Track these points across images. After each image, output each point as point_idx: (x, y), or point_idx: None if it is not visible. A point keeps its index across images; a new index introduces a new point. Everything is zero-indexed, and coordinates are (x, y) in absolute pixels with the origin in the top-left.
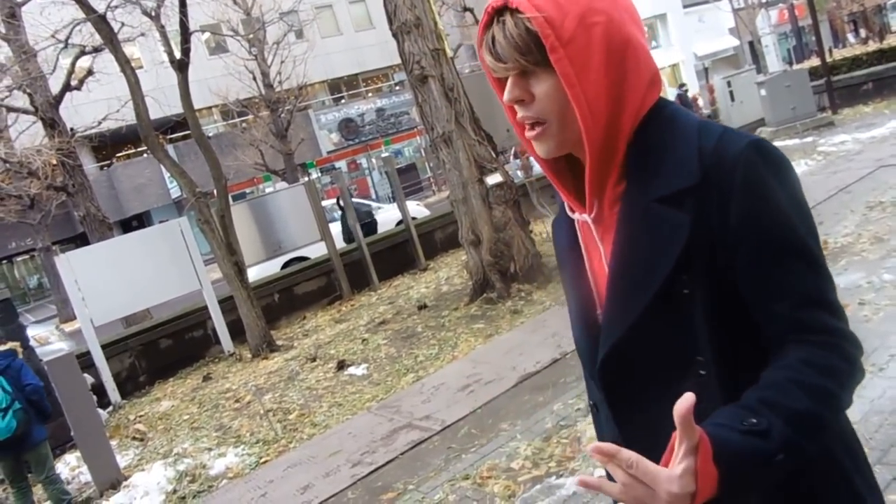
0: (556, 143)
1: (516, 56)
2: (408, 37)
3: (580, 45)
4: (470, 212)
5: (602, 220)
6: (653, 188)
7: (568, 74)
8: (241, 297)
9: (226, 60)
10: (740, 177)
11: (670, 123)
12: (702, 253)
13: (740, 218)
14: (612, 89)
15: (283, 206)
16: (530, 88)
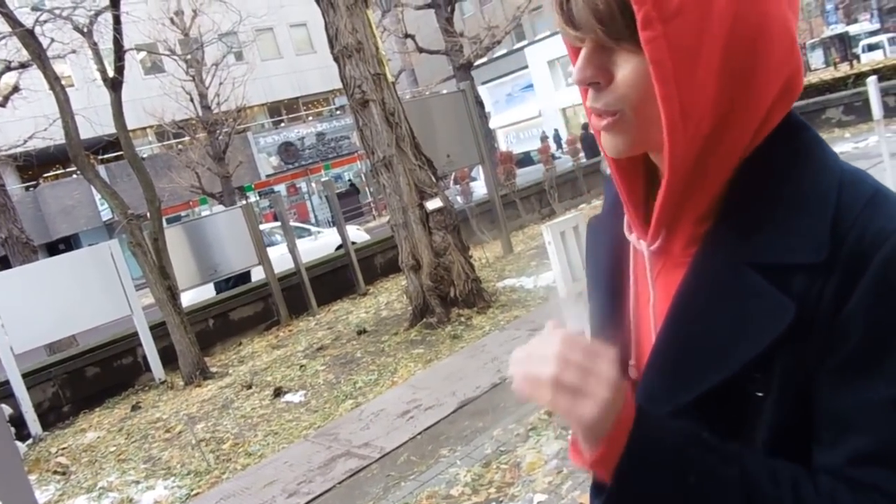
0: (632, 142)
1: (594, 23)
2: (349, 61)
3: (688, 24)
4: (410, 236)
5: (665, 258)
6: (755, 247)
7: (662, 63)
8: (174, 323)
9: (162, 80)
10: (882, 260)
11: (804, 159)
12: (794, 350)
13: (858, 311)
14: (725, 92)
15: (220, 230)
16: (609, 67)
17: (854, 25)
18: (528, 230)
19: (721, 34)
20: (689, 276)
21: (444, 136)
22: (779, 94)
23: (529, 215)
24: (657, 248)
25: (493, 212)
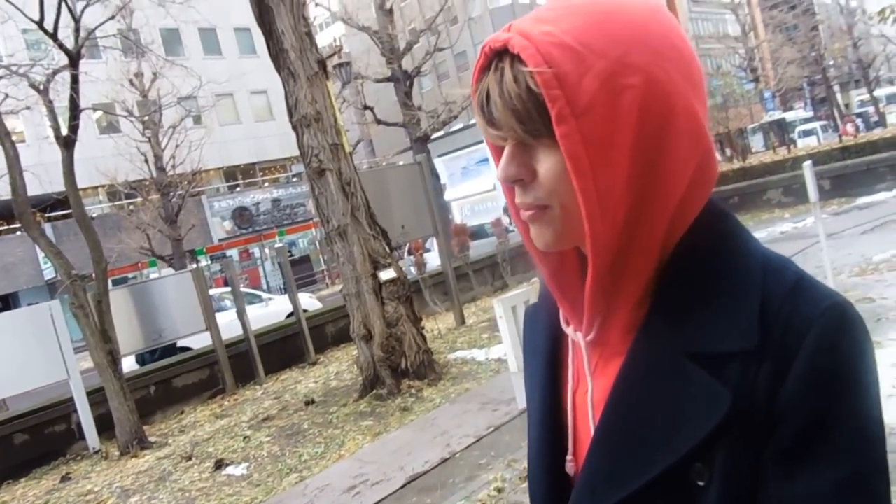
0: (560, 234)
1: (513, 123)
2: (307, 130)
3: (600, 118)
4: (362, 306)
5: (603, 347)
6: (688, 336)
7: (578, 157)
8: (113, 389)
9: (117, 140)
10: (811, 346)
11: (725, 245)
12: (733, 437)
13: (793, 398)
14: (637, 182)
15: (168, 294)
16: (532, 164)
17: (790, 112)
18: (480, 302)
19: (630, 126)
20: (627, 367)
21: (399, 207)
22: (692, 181)
23: (482, 287)
24: (593, 338)
25: (447, 283)
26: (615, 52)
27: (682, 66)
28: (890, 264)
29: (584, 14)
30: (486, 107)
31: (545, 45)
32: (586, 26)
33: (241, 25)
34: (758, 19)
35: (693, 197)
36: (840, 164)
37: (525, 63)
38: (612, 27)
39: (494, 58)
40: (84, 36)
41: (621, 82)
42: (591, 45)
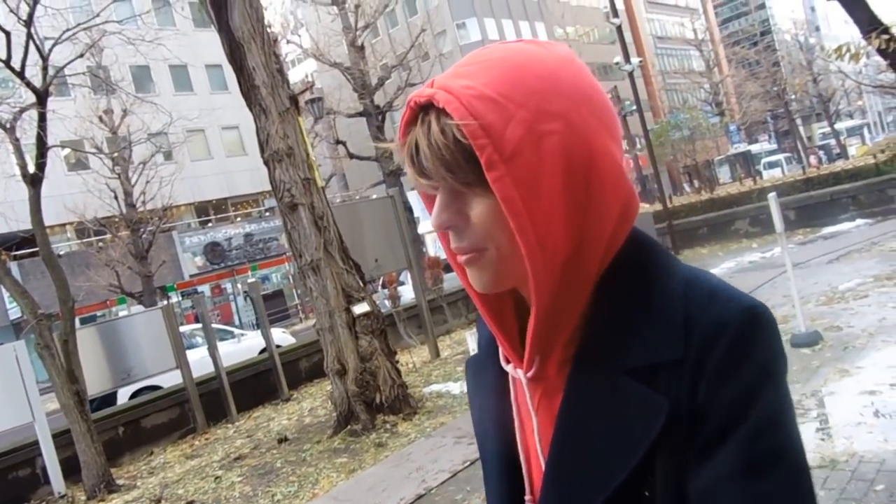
0: (497, 276)
1: (443, 172)
2: (279, 165)
3: (527, 162)
4: (336, 341)
5: (542, 383)
6: (623, 355)
7: (511, 199)
8: (80, 431)
9: (85, 177)
10: (725, 346)
11: (649, 270)
12: (670, 446)
13: (708, 394)
14: (571, 220)
15: (137, 332)
16: (464, 210)
17: (755, 145)
18: (455, 335)
19: (557, 169)
20: (568, 397)
21: (372, 241)
22: (617, 217)
23: (456, 320)
24: (533, 374)
25: (421, 316)
26: (533, 101)
27: (595, 110)
28: (855, 293)
29: (499, 68)
30: (416, 158)
31: (468, 98)
32: (503, 79)
33: (213, 62)
34: (721, 55)
35: (619, 232)
36: (804, 196)
37: (450, 116)
38: (527, 78)
39: (420, 112)
40: (52, 74)
41: (543, 128)
42: (509, 95)
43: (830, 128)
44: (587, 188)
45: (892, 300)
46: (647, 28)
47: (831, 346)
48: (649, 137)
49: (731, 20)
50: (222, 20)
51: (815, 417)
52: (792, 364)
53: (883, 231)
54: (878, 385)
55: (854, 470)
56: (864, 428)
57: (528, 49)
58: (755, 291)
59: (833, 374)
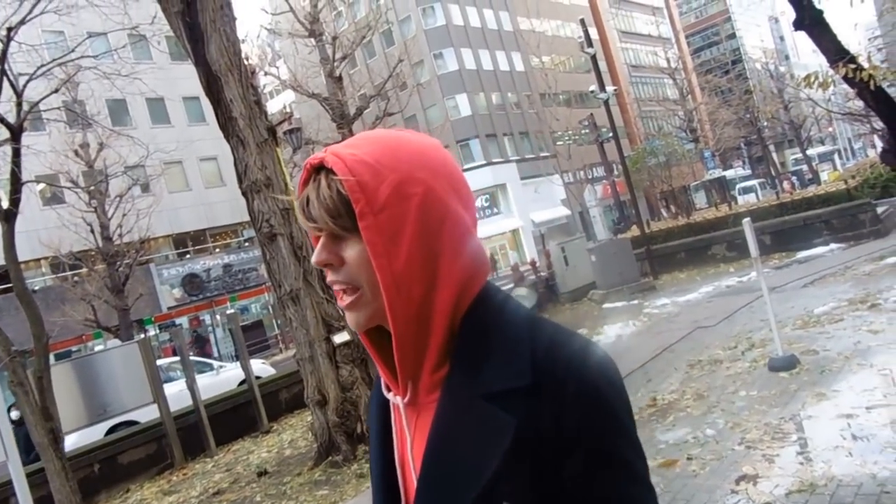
0: (369, 315)
1: (326, 218)
2: (258, 196)
3: (392, 215)
4: (316, 370)
5: (416, 406)
6: (479, 383)
7: (375, 243)
8: (54, 469)
9: (60, 212)
10: (575, 388)
11: (500, 313)
12: (527, 461)
13: (573, 430)
14: (426, 265)
15: (113, 366)
16: (340, 252)
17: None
18: None
19: (414, 222)
20: (435, 418)
21: None
22: (469, 266)
23: None
24: (408, 399)
25: None
26: (403, 168)
27: (452, 182)
28: (830, 317)
29: (380, 142)
30: (307, 208)
31: (351, 161)
32: (381, 150)
33: (190, 94)
34: (694, 83)
35: (472, 279)
36: (778, 220)
37: (336, 174)
38: (400, 151)
39: (314, 172)
40: (27, 109)
41: (408, 190)
42: (384, 163)
43: (802, 154)
44: (439, 239)
45: (866, 324)
46: (622, 57)
47: (808, 369)
48: (626, 164)
49: (702, 49)
50: (199, 53)
51: (794, 441)
52: (770, 388)
53: (856, 255)
54: (854, 408)
55: (833, 494)
56: (842, 451)
57: (404, 134)
58: (733, 315)
59: (810, 397)
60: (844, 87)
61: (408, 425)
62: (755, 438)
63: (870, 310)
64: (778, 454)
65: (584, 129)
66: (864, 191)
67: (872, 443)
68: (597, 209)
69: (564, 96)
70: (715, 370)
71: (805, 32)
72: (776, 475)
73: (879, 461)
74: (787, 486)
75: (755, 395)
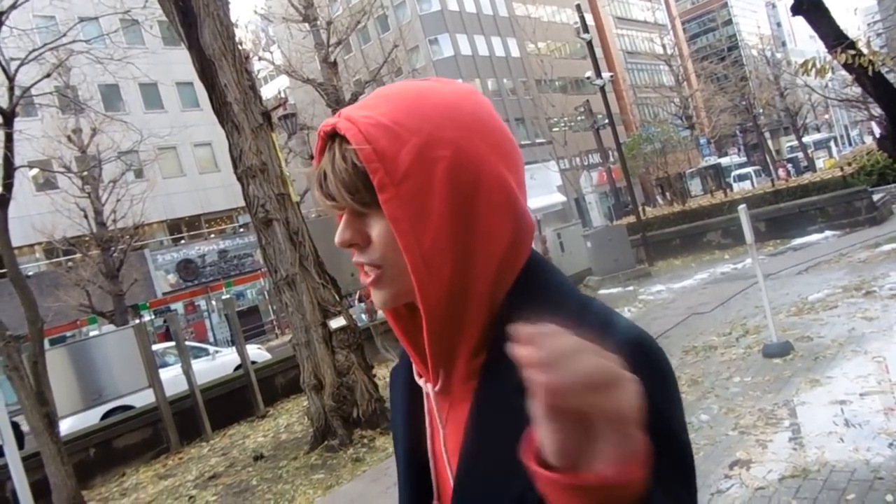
0: (395, 293)
1: (344, 194)
2: (253, 181)
3: (417, 185)
4: (312, 356)
5: (449, 395)
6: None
7: (399, 219)
8: (50, 453)
9: (54, 197)
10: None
11: (545, 294)
12: None
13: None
14: (457, 240)
15: (108, 351)
16: (366, 229)
17: (725, 158)
18: None
19: (444, 191)
20: (472, 411)
21: (348, 255)
22: (512, 238)
23: None
24: (440, 388)
25: None
26: (427, 128)
27: (490, 138)
28: (825, 304)
29: (399, 99)
30: (324, 182)
31: (365, 126)
32: (400, 108)
33: (184, 80)
34: (690, 70)
35: (515, 253)
36: (774, 208)
37: (350, 143)
38: (424, 107)
39: (328, 140)
40: (19, 94)
41: (433, 154)
42: (404, 123)
43: (798, 141)
44: (474, 209)
45: (860, 311)
46: (617, 43)
47: (802, 356)
48: (622, 150)
49: (699, 36)
50: (192, 38)
51: (788, 427)
52: (764, 374)
53: (850, 242)
54: (848, 395)
55: (826, 479)
56: (835, 437)
57: (429, 84)
58: (728, 302)
59: (804, 384)
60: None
61: (440, 416)
62: (749, 424)
63: (864, 297)
64: (771, 440)
65: (580, 116)
66: (860, 178)
67: (866, 429)
68: (593, 196)
69: (560, 82)
70: (709, 356)
71: (803, 17)
72: (770, 460)
73: (873, 447)
74: (781, 471)
75: (749, 381)
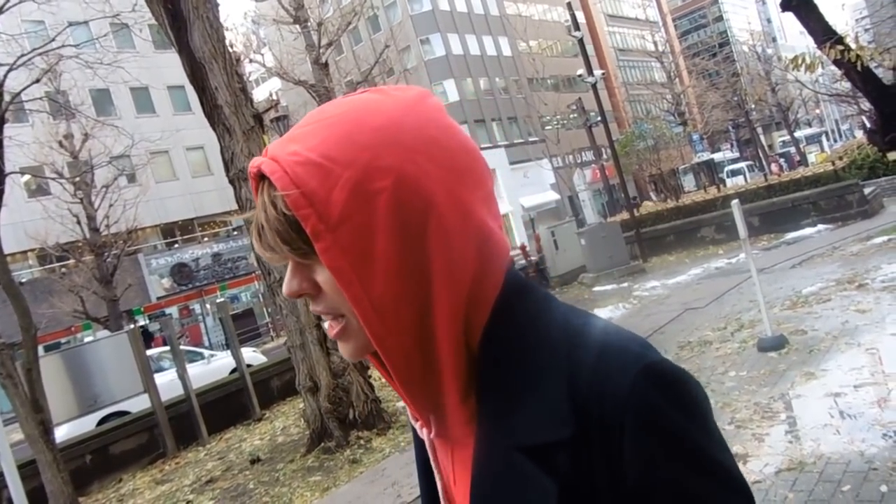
0: (362, 344)
1: (281, 246)
2: (245, 183)
3: (356, 227)
4: (308, 357)
5: (448, 440)
6: (512, 428)
7: (340, 269)
8: (46, 461)
9: (46, 203)
10: (633, 422)
11: (527, 327)
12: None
13: (638, 478)
14: (412, 281)
15: (103, 357)
16: (313, 277)
17: (718, 154)
18: None
19: (389, 229)
20: (474, 462)
21: None
22: (478, 265)
23: None
24: (435, 433)
25: None
26: (362, 159)
27: (439, 156)
28: (818, 297)
29: (333, 126)
30: (262, 234)
31: (291, 166)
32: (332, 139)
33: (175, 83)
34: (682, 66)
35: (484, 281)
36: (767, 202)
37: (276, 187)
38: (360, 134)
39: (260, 182)
40: (8, 100)
41: (372, 187)
42: (335, 157)
43: (790, 136)
44: (426, 243)
45: (853, 303)
46: (609, 41)
47: (797, 349)
48: (615, 147)
49: (690, 32)
50: (182, 41)
51: (783, 420)
52: (759, 367)
53: (843, 236)
54: (842, 387)
55: (821, 472)
56: (831, 430)
57: (371, 100)
58: (722, 297)
59: (799, 377)
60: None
61: (435, 464)
62: (745, 418)
63: (857, 289)
64: (767, 433)
65: (573, 114)
66: (851, 172)
67: (860, 420)
68: (586, 193)
69: (552, 81)
70: (705, 351)
71: (792, 13)
72: (766, 454)
73: (867, 438)
74: (777, 464)
75: (745, 375)
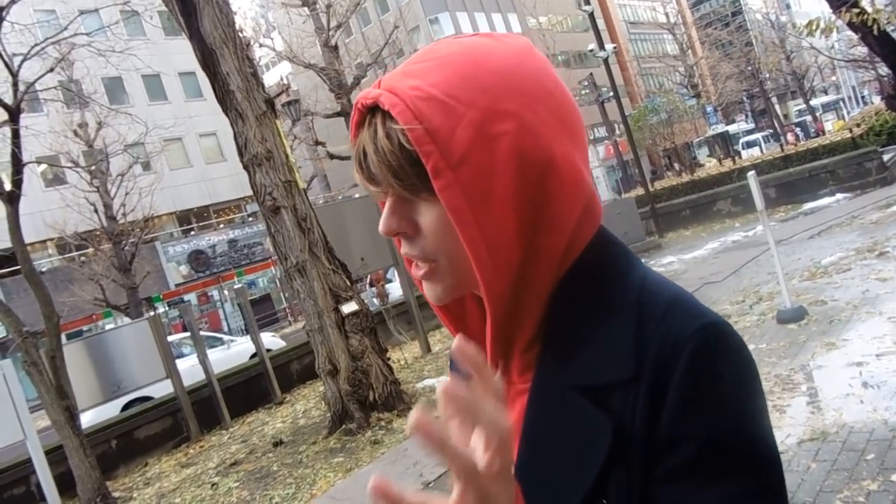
0: (451, 287)
1: (390, 179)
2: (259, 169)
3: (477, 168)
4: (326, 341)
5: (509, 387)
6: (574, 370)
7: (459, 209)
8: (72, 446)
9: (63, 193)
10: (683, 368)
11: (604, 282)
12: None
13: (672, 421)
14: (525, 227)
15: (125, 344)
16: (414, 217)
17: (732, 125)
18: (445, 329)
19: (510, 172)
20: (529, 407)
21: (357, 240)
22: (579, 219)
23: None
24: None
25: (410, 312)
26: (484, 101)
27: (554, 108)
28: (838, 267)
29: (452, 65)
30: (364, 163)
31: (413, 101)
32: (454, 77)
33: (186, 70)
34: (694, 38)
35: (579, 237)
36: (783, 173)
37: (396, 120)
38: (481, 75)
39: (367, 113)
40: (23, 90)
41: (494, 129)
42: (459, 96)
43: (806, 105)
44: (542, 193)
45: (874, 272)
46: (620, 14)
47: (817, 320)
48: (627, 123)
49: (702, 2)
50: (192, 27)
51: (805, 391)
52: (779, 339)
53: (862, 204)
54: (864, 356)
55: (844, 441)
56: (853, 399)
57: (483, 43)
58: (740, 270)
59: (820, 347)
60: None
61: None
62: (766, 390)
63: (878, 258)
64: (789, 404)
65: (585, 90)
66: (869, 139)
67: (883, 389)
68: (600, 170)
69: (563, 57)
70: None
71: None
72: (788, 425)
73: (891, 407)
74: (799, 435)
75: (765, 347)
